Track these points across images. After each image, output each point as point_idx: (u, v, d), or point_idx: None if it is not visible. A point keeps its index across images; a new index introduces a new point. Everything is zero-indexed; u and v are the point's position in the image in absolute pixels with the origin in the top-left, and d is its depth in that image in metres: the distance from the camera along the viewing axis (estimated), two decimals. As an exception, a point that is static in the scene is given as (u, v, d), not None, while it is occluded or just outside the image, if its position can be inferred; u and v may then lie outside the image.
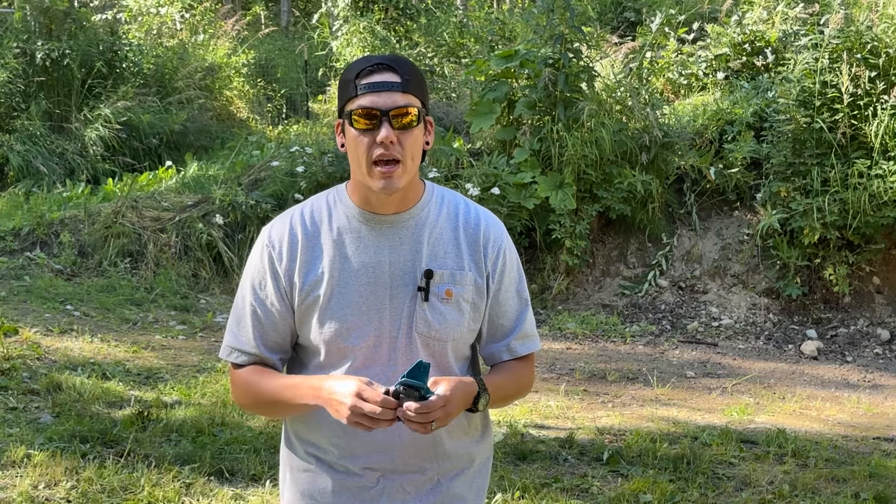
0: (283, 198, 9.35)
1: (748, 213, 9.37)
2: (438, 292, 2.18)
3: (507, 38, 12.98)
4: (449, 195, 2.29)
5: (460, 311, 2.20)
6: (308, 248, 2.19)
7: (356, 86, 2.10)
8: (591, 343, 8.20)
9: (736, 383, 7.23)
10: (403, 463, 2.20)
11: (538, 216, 9.10)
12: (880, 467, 5.37)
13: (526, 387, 2.37)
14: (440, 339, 2.18)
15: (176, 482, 4.56)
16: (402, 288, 2.17)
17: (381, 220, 2.19)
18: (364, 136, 2.10)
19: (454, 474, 2.26)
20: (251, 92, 14.75)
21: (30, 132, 11.80)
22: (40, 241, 9.13)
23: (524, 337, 2.31)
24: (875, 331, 8.57)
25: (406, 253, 2.18)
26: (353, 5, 15.54)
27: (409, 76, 2.12)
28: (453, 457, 2.25)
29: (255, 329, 2.21)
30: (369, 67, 2.11)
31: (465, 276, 2.21)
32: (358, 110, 2.09)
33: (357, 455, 2.20)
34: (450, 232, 2.23)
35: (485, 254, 2.24)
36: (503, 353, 2.29)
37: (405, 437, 2.16)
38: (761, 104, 9.66)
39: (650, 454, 5.33)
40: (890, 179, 8.29)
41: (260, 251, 2.22)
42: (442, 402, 2.04)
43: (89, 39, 12.67)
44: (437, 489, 2.24)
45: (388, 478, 2.21)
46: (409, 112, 2.10)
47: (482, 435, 2.32)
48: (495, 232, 2.27)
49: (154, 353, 6.86)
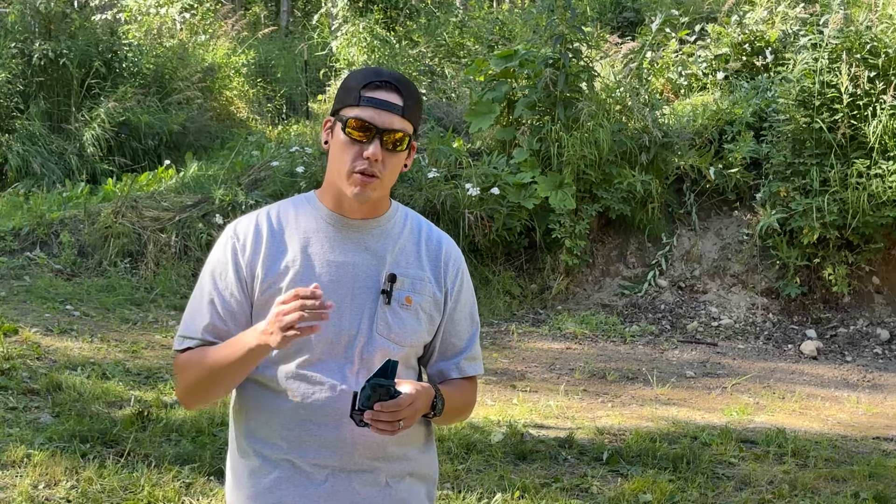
0: (283, 198, 9.32)
1: (748, 213, 9.37)
2: (399, 298, 2.22)
3: (506, 38, 12.98)
4: (413, 214, 2.36)
5: (418, 319, 2.25)
6: (272, 244, 2.22)
7: (360, 96, 2.16)
8: (591, 343, 8.20)
9: (736, 383, 7.23)
10: (353, 461, 2.20)
11: (538, 216, 9.10)
12: (880, 467, 5.37)
13: (470, 407, 2.42)
14: (399, 343, 2.22)
15: (176, 482, 4.56)
16: (364, 290, 2.21)
17: (348, 223, 2.24)
18: (353, 146, 2.16)
19: (402, 479, 2.26)
20: (251, 92, 14.75)
21: (29, 132, 11.80)
22: (40, 241, 9.13)
23: (472, 359, 2.36)
24: (874, 331, 8.58)
25: (370, 257, 2.23)
26: (353, 5, 15.54)
27: (411, 102, 2.19)
28: (400, 459, 2.25)
29: (212, 318, 2.22)
30: (377, 82, 2.17)
31: (425, 286, 2.26)
32: (355, 121, 2.15)
33: (306, 449, 2.19)
34: (412, 245, 2.28)
35: (445, 270, 2.30)
36: (452, 370, 2.33)
37: (355, 434, 2.17)
38: (761, 104, 9.67)
39: (650, 454, 5.33)
40: (889, 179, 8.30)
41: (224, 243, 2.26)
42: (410, 401, 2.08)
43: (88, 39, 12.67)
44: (386, 491, 2.24)
45: (337, 476, 2.20)
46: (402, 137, 2.17)
47: (425, 445, 2.33)
48: (455, 253, 2.35)
49: (154, 353, 6.86)
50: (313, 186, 9.62)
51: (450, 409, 2.27)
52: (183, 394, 2.30)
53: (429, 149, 9.85)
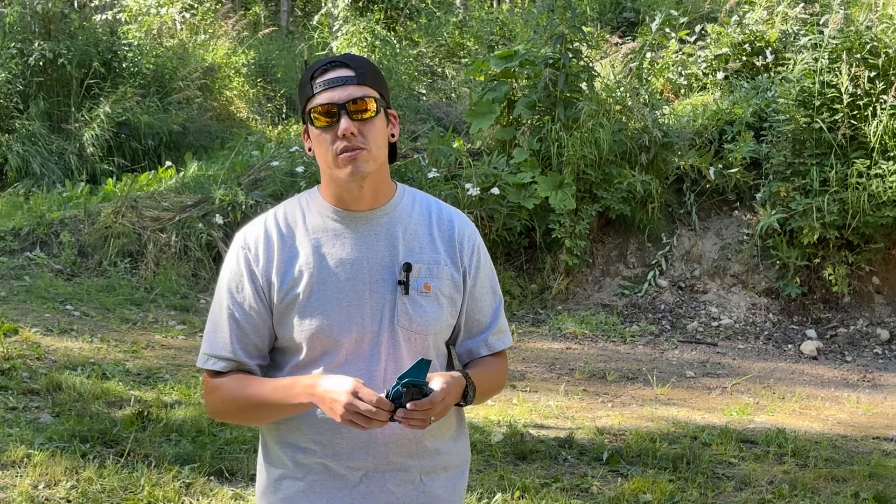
0: (283, 198, 9.28)
1: (748, 213, 9.37)
2: (417, 286, 2.19)
3: (506, 38, 12.98)
4: (420, 195, 2.32)
5: (439, 304, 2.21)
6: (284, 249, 2.20)
7: (312, 85, 2.16)
8: (591, 343, 8.20)
9: (736, 383, 7.23)
10: (386, 461, 2.19)
11: (538, 216, 9.10)
12: (880, 467, 5.37)
13: (502, 382, 2.40)
14: (421, 333, 2.19)
15: (176, 482, 4.56)
16: (381, 283, 2.18)
17: (355, 216, 2.21)
18: (326, 133, 2.14)
19: (435, 474, 2.25)
20: (251, 92, 14.74)
21: (29, 132, 11.80)
22: (40, 241, 9.13)
23: (500, 332, 2.34)
24: (874, 331, 8.58)
25: (382, 248, 2.20)
26: (353, 5, 15.54)
27: (363, 69, 2.16)
28: (433, 454, 2.24)
29: (233, 334, 2.21)
30: (323, 66, 2.17)
31: (442, 269, 2.22)
32: (317, 108, 2.14)
33: (340, 452, 2.18)
34: (423, 228, 2.25)
35: (460, 249, 2.26)
36: (481, 348, 2.31)
37: (387, 433, 2.15)
38: (761, 104, 9.67)
39: (650, 454, 5.33)
40: (889, 179, 8.30)
41: (236, 255, 2.23)
42: (442, 396, 2.06)
43: (88, 39, 12.66)
44: (420, 489, 2.23)
45: (371, 477, 2.19)
46: (367, 104, 2.14)
47: (457, 434, 2.32)
48: (469, 229, 2.30)
49: (154, 353, 6.86)
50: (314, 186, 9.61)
51: (481, 391, 2.24)
52: (217, 416, 2.32)
53: (429, 149, 9.85)
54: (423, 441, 2.21)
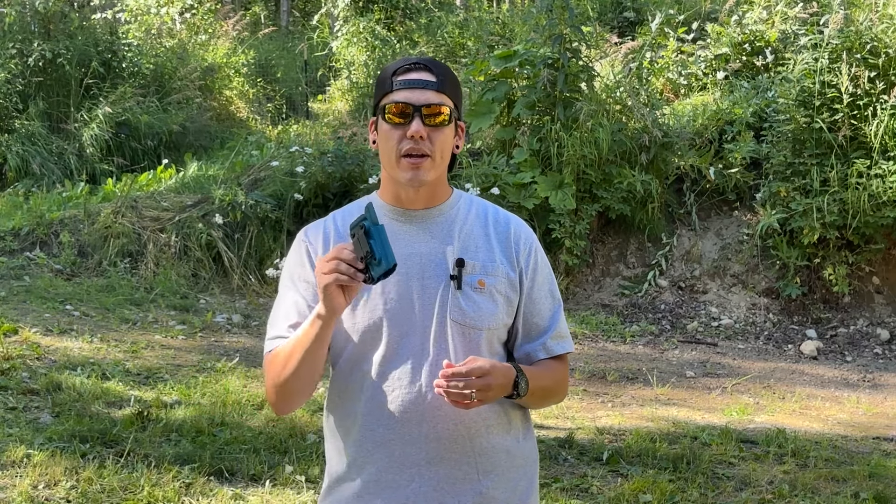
0: (283, 198, 9.35)
1: (748, 213, 9.37)
2: (471, 282, 2.19)
3: (506, 38, 12.98)
4: (478, 200, 2.34)
5: (494, 301, 2.20)
6: (340, 242, 2.21)
7: (392, 82, 2.17)
8: (591, 343, 8.20)
9: (736, 383, 7.23)
10: (439, 457, 2.16)
11: (538, 216, 9.10)
12: (880, 467, 5.37)
13: (563, 386, 2.35)
14: (475, 328, 2.18)
15: (176, 482, 4.56)
16: (433, 278, 2.18)
17: (410, 215, 2.23)
18: (396, 130, 2.15)
19: (495, 475, 2.20)
20: (251, 92, 14.75)
21: (28, 132, 11.80)
22: (40, 241, 9.13)
23: (559, 336, 2.30)
24: (875, 331, 8.58)
25: (437, 245, 2.21)
26: (353, 5, 15.55)
27: (444, 77, 2.18)
28: (491, 453, 2.20)
29: (297, 317, 2.21)
30: (406, 66, 2.18)
31: (497, 268, 2.22)
32: (392, 105, 2.15)
33: (392, 449, 2.16)
34: (479, 229, 2.26)
35: (517, 250, 2.27)
36: (539, 351, 2.28)
37: (440, 429, 2.14)
38: (761, 104, 9.66)
39: (650, 454, 5.33)
40: (889, 179, 8.30)
41: (297, 249, 2.27)
42: (481, 372, 2.04)
43: (87, 39, 12.66)
44: (477, 489, 2.19)
45: (423, 476, 2.16)
46: (441, 110, 2.16)
47: (524, 435, 2.28)
48: (526, 232, 2.31)
49: (154, 353, 6.86)
50: (313, 186, 9.63)
51: (539, 389, 2.21)
52: (271, 393, 2.23)
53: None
54: (478, 438, 2.18)
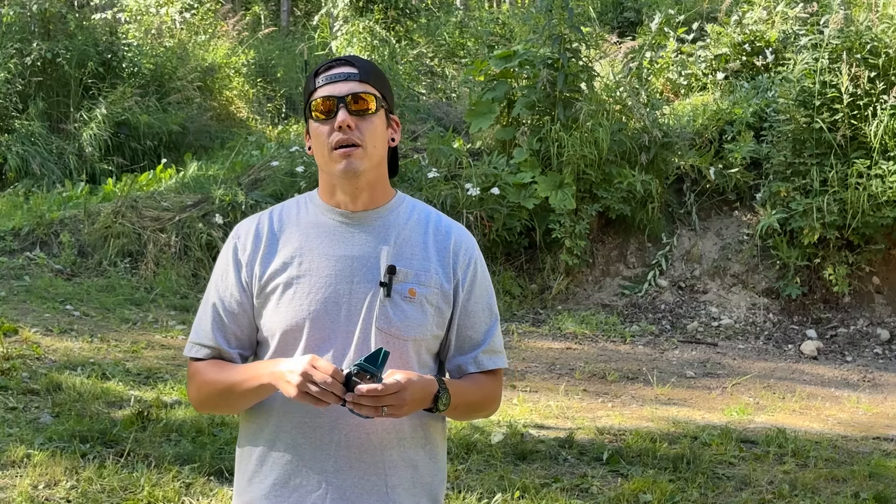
0: (283, 198, 9.34)
1: (748, 213, 9.37)
2: (401, 290, 2.16)
3: (506, 38, 12.98)
4: (421, 205, 2.29)
5: (423, 311, 2.17)
6: (272, 241, 2.21)
7: (315, 81, 2.19)
8: (591, 343, 8.20)
9: (736, 383, 7.23)
10: (349, 465, 2.14)
11: (538, 216, 9.10)
12: (880, 467, 5.37)
13: (492, 401, 2.31)
14: (400, 338, 2.15)
15: (176, 482, 4.56)
16: (363, 283, 2.15)
17: (348, 216, 2.21)
18: (324, 126, 2.15)
19: (401, 488, 2.18)
20: (251, 92, 14.75)
21: (28, 132, 11.79)
22: (40, 241, 9.13)
23: (492, 351, 2.26)
24: (875, 331, 8.58)
25: (370, 249, 2.18)
26: (353, 5, 15.54)
27: (367, 69, 2.19)
28: (401, 467, 2.18)
29: (215, 322, 2.21)
30: (327, 64, 2.21)
31: (431, 277, 2.19)
32: (317, 101, 2.16)
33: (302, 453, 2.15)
34: (418, 236, 2.22)
35: (455, 261, 2.23)
36: (470, 365, 2.24)
37: (351, 437, 2.13)
38: (761, 104, 9.66)
39: (650, 454, 5.32)
40: (889, 179, 8.30)
41: (227, 245, 2.26)
42: (396, 388, 2.00)
43: (87, 39, 12.66)
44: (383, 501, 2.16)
45: (331, 483, 2.14)
46: (366, 97, 2.15)
47: (440, 451, 2.26)
48: (467, 242, 2.27)
49: (154, 353, 6.85)
50: (313, 186, 9.61)
51: (463, 404, 2.18)
52: (195, 402, 2.30)
53: (429, 149, 9.85)
54: (389, 449, 2.16)
